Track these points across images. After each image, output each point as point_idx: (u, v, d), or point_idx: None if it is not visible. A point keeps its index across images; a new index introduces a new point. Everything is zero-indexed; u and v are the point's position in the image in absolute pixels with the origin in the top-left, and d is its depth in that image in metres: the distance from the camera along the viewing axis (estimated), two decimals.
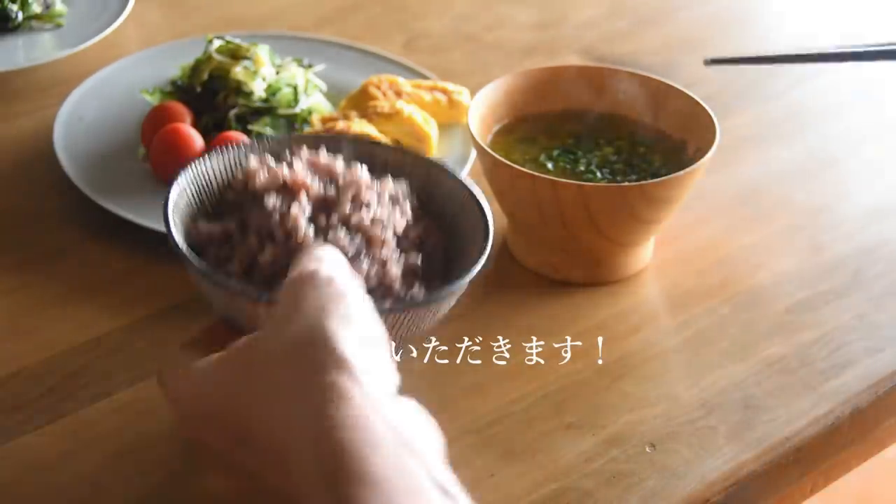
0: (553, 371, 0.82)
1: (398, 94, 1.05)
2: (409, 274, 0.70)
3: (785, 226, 0.99)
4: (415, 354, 0.85)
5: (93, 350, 0.83)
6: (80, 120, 1.04)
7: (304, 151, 0.73)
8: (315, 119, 1.02)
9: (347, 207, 0.67)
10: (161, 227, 0.90)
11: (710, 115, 0.91)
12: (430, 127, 1.02)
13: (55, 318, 0.86)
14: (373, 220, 0.67)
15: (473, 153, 1.00)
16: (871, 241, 0.97)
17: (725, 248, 0.96)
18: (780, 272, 0.93)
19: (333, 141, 0.75)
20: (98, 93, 1.07)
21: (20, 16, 1.17)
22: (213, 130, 1.01)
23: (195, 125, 1.00)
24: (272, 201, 0.66)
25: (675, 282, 0.92)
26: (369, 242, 0.67)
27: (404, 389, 0.81)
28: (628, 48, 1.23)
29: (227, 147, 0.74)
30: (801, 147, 1.10)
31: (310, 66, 1.09)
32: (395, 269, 0.68)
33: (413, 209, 0.72)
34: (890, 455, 0.97)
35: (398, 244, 0.70)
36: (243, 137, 0.98)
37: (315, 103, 1.06)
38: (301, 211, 0.66)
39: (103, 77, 1.09)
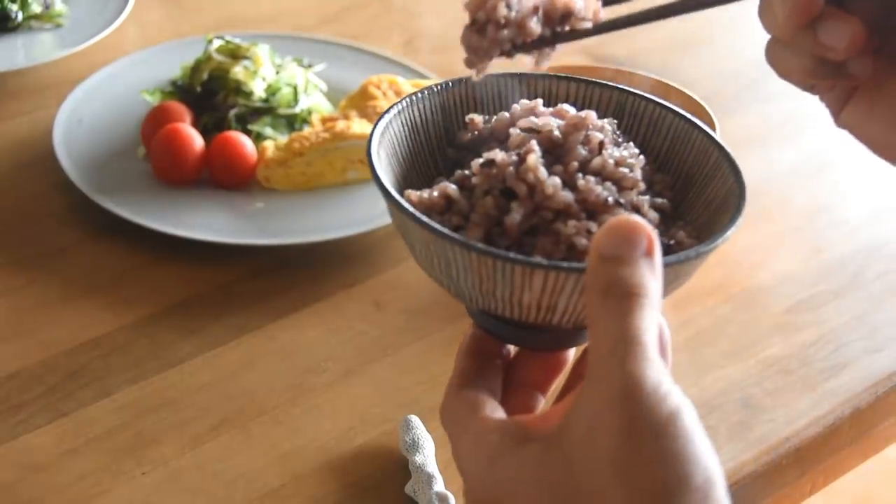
0: None
1: (398, 94, 1.05)
2: (663, 217, 0.58)
3: (785, 226, 0.99)
4: (414, 355, 0.85)
5: (93, 350, 0.83)
6: (79, 120, 1.04)
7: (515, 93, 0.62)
8: (315, 119, 1.02)
9: (582, 151, 0.56)
10: (160, 227, 0.91)
11: (710, 115, 0.91)
12: None
13: (55, 318, 0.86)
14: (617, 162, 0.56)
15: None
16: (870, 241, 0.98)
17: (725, 248, 0.95)
18: (780, 272, 0.94)
19: (545, 79, 0.63)
20: (98, 93, 1.07)
21: (20, 16, 1.17)
22: (213, 130, 1.01)
23: (195, 125, 1.00)
24: (500, 154, 0.55)
25: None
26: (619, 186, 0.56)
27: (403, 389, 0.82)
28: (628, 48, 1.23)
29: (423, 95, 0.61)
30: (801, 147, 1.10)
31: (310, 65, 1.10)
32: (652, 213, 0.56)
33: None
34: (890, 455, 0.97)
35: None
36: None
37: (315, 103, 1.06)
38: (539, 159, 0.54)
39: (103, 77, 1.09)
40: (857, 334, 0.88)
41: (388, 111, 0.60)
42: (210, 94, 1.04)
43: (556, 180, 0.53)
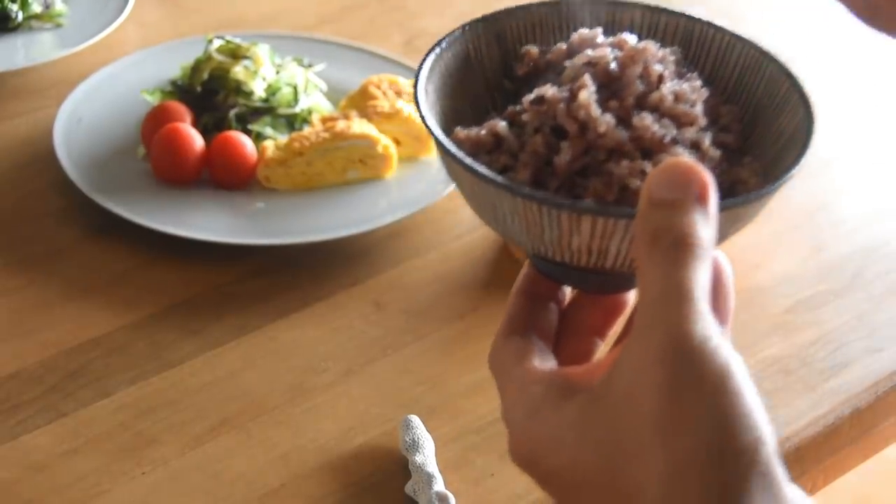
0: None
1: (398, 93, 1.05)
2: (727, 154, 0.55)
3: (784, 226, 0.99)
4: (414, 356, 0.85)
5: (93, 350, 0.83)
6: (79, 120, 1.04)
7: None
8: (315, 119, 1.02)
9: (639, 85, 0.53)
10: (160, 227, 0.91)
11: None
12: None
13: (55, 318, 0.86)
14: (676, 96, 0.53)
15: None
16: (871, 241, 0.98)
17: (724, 248, 0.95)
18: (779, 272, 0.93)
19: (608, 6, 0.58)
20: (98, 93, 1.07)
21: (20, 16, 1.17)
22: (213, 130, 1.01)
23: (195, 125, 1.00)
24: (550, 90, 0.52)
25: None
26: (678, 122, 0.52)
27: (403, 389, 0.82)
28: None
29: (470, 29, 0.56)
30: None
31: (310, 65, 1.09)
32: (714, 150, 0.53)
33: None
34: (890, 455, 0.97)
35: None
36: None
37: (315, 103, 1.06)
38: (591, 95, 0.51)
39: (103, 77, 1.09)
40: (857, 334, 0.88)
41: (437, 44, 0.55)
42: (210, 94, 1.04)
43: (610, 118, 0.50)
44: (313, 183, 0.98)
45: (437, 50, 0.55)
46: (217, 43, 1.06)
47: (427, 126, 0.51)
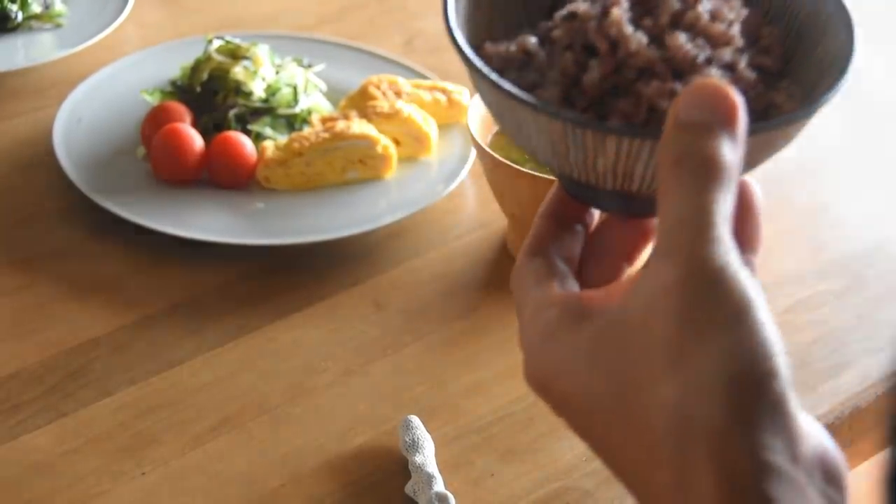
0: None
1: (398, 94, 1.05)
2: (764, 77, 0.52)
3: (785, 226, 0.99)
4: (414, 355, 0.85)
5: (93, 350, 0.83)
6: (79, 120, 1.04)
7: None
8: (315, 119, 1.02)
9: (675, 2, 0.50)
10: (160, 227, 0.91)
11: None
12: (430, 127, 1.02)
13: (55, 318, 0.86)
14: (713, 15, 0.50)
15: (473, 153, 1.00)
16: (871, 241, 0.98)
17: None
18: (779, 272, 0.93)
19: None
20: (98, 93, 1.07)
21: (20, 16, 1.17)
22: (212, 130, 1.01)
23: (195, 125, 1.00)
24: (582, 6, 0.50)
25: None
26: (713, 43, 0.50)
27: (403, 389, 0.82)
28: None
29: None
30: (802, 147, 1.10)
31: (309, 65, 1.09)
32: (749, 73, 0.51)
33: None
34: None
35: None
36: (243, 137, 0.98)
37: (315, 103, 1.06)
38: (623, 13, 0.49)
39: (103, 77, 1.09)
40: (857, 334, 0.88)
41: None
42: (210, 94, 1.04)
43: (641, 36, 0.49)
44: (313, 183, 0.98)
45: None
46: (217, 43, 1.06)
47: (453, 39, 0.50)
